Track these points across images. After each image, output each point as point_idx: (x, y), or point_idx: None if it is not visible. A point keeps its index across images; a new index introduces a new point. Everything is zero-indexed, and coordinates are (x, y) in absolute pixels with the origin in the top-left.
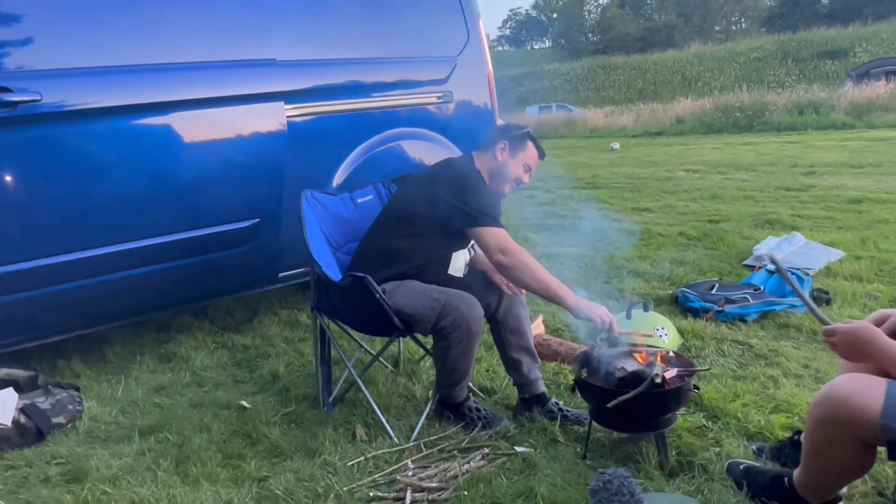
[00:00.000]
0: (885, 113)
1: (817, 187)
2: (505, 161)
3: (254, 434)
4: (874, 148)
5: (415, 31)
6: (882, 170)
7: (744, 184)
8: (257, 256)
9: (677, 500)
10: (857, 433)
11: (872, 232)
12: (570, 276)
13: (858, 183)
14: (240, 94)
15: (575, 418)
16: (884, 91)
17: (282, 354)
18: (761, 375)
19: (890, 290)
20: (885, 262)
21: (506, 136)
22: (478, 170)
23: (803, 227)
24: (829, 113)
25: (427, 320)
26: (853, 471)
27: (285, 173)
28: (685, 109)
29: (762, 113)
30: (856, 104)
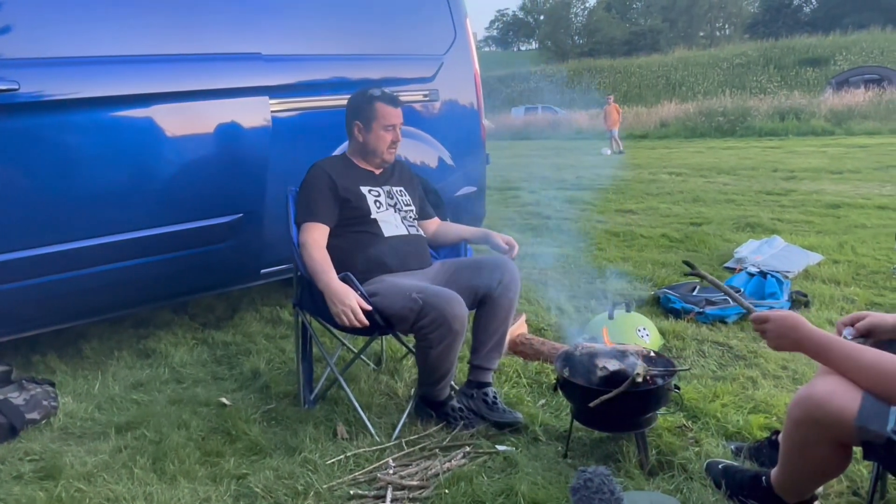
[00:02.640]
0: (864, 120)
1: (797, 192)
2: (366, 138)
3: (233, 431)
4: (853, 154)
5: (401, 29)
6: (860, 176)
7: (725, 187)
8: (239, 252)
9: (657, 498)
10: (834, 434)
11: (850, 236)
12: (553, 276)
13: (837, 188)
14: (223, 88)
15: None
16: (863, 99)
17: (263, 351)
18: (740, 376)
19: (866, 293)
20: (862, 265)
21: (356, 114)
22: (328, 160)
23: (783, 230)
24: (810, 119)
25: (406, 319)
26: (830, 471)
27: (269, 169)
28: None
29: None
30: (835, 111)
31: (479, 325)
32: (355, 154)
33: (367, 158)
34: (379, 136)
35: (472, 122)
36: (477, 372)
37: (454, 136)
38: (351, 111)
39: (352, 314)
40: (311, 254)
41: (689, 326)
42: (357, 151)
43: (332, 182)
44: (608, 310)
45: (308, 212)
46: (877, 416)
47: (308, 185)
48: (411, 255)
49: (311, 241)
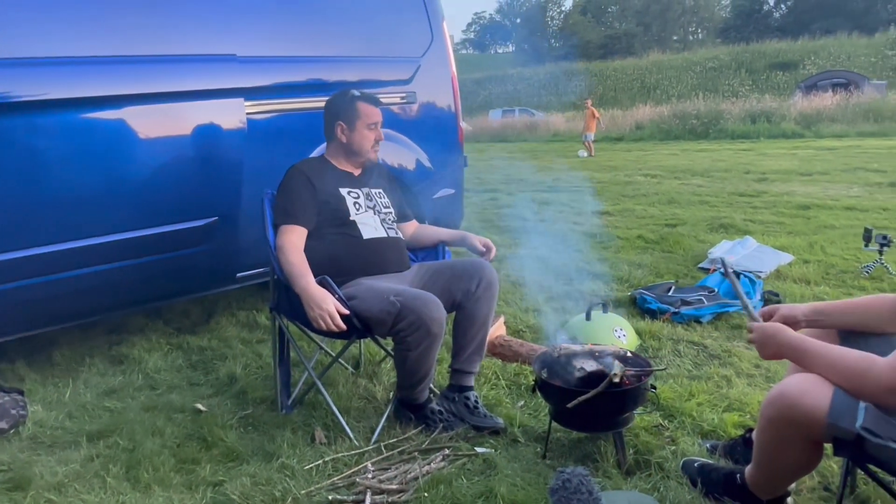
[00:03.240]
0: (832, 123)
1: (768, 193)
2: (350, 138)
3: (209, 438)
4: (822, 156)
5: (378, 31)
6: (829, 177)
7: (699, 189)
8: (214, 256)
9: (634, 497)
10: (806, 432)
11: (819, 237)
12: (531, 278)
13: (807, 190)
14: (197, 90)
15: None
16: (830, 102)
17: (239, 356)
18: (715, 375)
19: (835, 292)
20: (831, 265)
21: (337, 115)
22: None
23: (755, 231)
24: (780, 122)
25: (384, 322)
26: (802, 467)
27: (244, 171)
28: (644, 116)
29: (717, 121)
30: (805, 114)
31: (459, 330)
32: (336, 155)
33: (350, 159)
34: (363, 134)
35: (449, 125)
36: (458, 376)
37: (432, 138)
38: (332, 113)
39: (329, 318)
40: (287, 257)
41: (665, 326)
42: (339, 152)
43: (311, 184)
44: (585, 311)
45: (285, 214)
46: (846, 412)
47: (286, 187)
48: (390, 258)
49: (287, 243)
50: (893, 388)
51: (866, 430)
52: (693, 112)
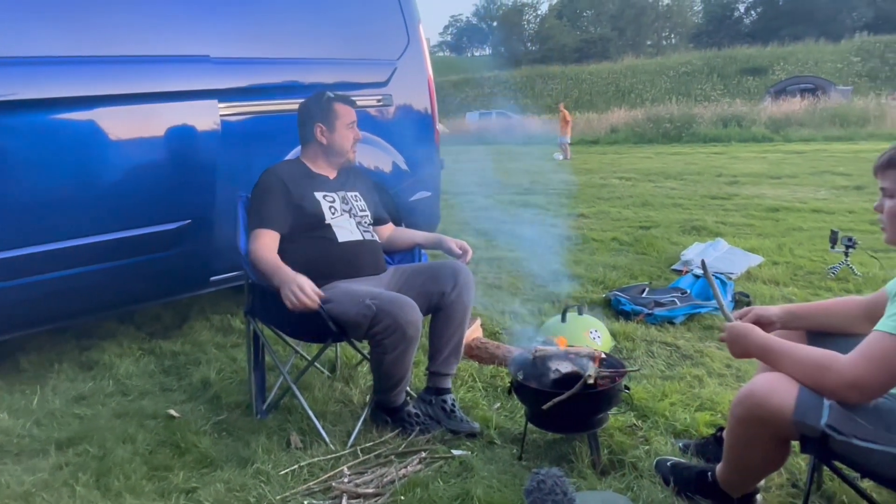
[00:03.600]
0: (800, 127)
1: (739, 196)
2: (331, 139)
3: (182, 444)
4: (790, 160)
5: (354, 33)
6: (797, 180)
7: (672, 192)
8: (187, 259)
9: (608, 497)
10: (774, 430)
11: (788, 239)
12: (507, 280)
13: (776, 192)
14: (170, 91)
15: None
16: (799, 107)
17: (213, 361)
18: (688, 375)
19: (803, 292)
20: (799, 267)
21: (314, 117)
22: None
23: (727, 233)
24: (751, 126)
25: (360, 326)
26: (770, 464)
27: (218, 174)
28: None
29: (690, 125)
30: (774, 119)
31: (435, 332)
32: (314, 158)
33: (330, 160)
34: (343, 135)
35: (426, 127)
36: (435, 378)
37: (408, 140)
38: (309, 115)
39: (299, 292)
40: (260, 255)
41: (639, 328)
42: (317, 155)
43: (286, 188)
44: (561, 313)
45: (259, 218)
46: (811, 410)
47: (260, 191)
48: (365, 261)
49: (259, 245)
50: (853, 384)
51: (830, 428)
52: (666, 116)
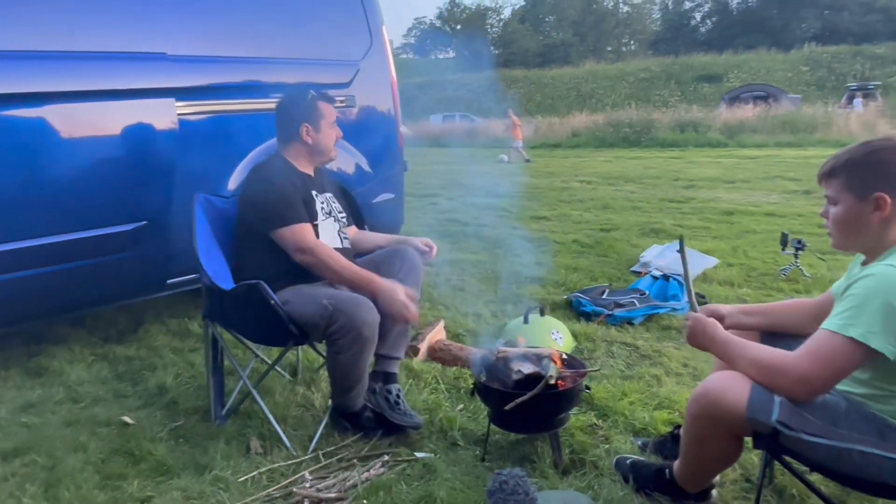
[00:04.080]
0: (753, 134)
1: (696, 199)
2: (316, 139)
3: (137, 452)
4: (744, 165)
5: (316, 33)
6: (750, 185)
7: (632, 195)
8: (143, 262)
9: (569, 496)
10: (728, 426)
11: (742, 241)
12: (470, 282)
13: (731, 196)
14: (125, 89)
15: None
16: (752, 114)
17: (170, 366)
18: (646, 374)
19: (756, 293)
20: (752, 268)
21: (300, 116)
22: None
23: (684, 236)
24: (706, 132)
25: (318, 326)
26: (725, 460)
27: (176, 174)
28: (580, 124)
29: (648, 129)
30: (729, 125)
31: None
32: (298, 157)
33: (314, 159)
34: (328, 133)
35: (389, 129)
36: (383, 361)
37: (371, 142)
38: (293, 114)
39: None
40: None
41: (600, 328)
42: (301, 154)
43: (294, 184)
44: (524, 314)
45: (295, 213)
46: (763, 407)
47: (277, 186)
48: None
49: (320, 244)
50: (800, 380)
51: (781, 424)
52: (626, 121)
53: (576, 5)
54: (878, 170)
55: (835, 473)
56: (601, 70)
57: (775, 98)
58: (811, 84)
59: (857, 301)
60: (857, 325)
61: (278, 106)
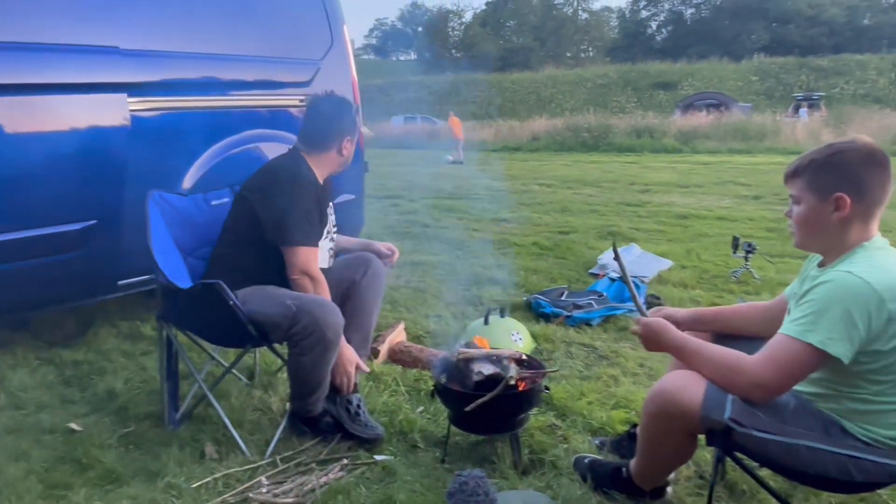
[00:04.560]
0: (706, 140)
1: (651, 204)
2: (350, 153)
3: (84, 459)
4: (697, 170)
5: (276, 31)
6: (703, 189)
7: (590, 198)
8: (92, 262)
9: (529, 496)
10: (683, 424)
11: (695, 244)
12: (431, 284)
13: (685, 201)
14: (73, 83)
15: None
16: (705, 121)
17: (120, 370)
18: (604, 375)
19: (709, 295)
20: (705, 270)
21: (345, 129)
22: (306, 173)
23: (640, 238)
24: (662, 138)
25: (279, 327)
26: (680, 457)
27: (128, 171)
28: (540, 128)
29: (606, 134)
30: (683, 131)
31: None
32: (319, 165)
33: (335, 170)
34: (352, 151)
35: None
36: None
37: None
38: (338, 125)
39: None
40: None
41: (559, 330)
42: (325, 164)
43: (319, 201)
44: (484, 316)
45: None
46: (717, 405)
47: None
48: None
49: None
50: (758, 385)
51: (733, 421)
52: (585, 125)
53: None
54: (839, 171)
55: (783, 468)
56: (560, 75)
57: (727, 106)
58: (760, 93)
59: (816, 307)
60: (817, 331)
61: (317, 109)
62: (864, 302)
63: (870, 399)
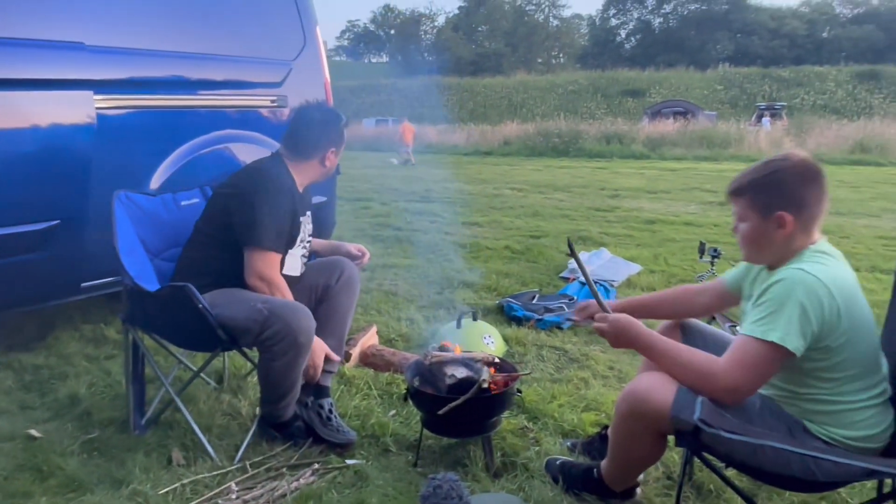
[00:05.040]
0: (674, 147)
1: (621, 209)
2: (333, 164)
3: (45, 467)
4: (665, 177)
5: (248, 31)
6: (671, 195)
7: (561, 203)
8: (55, 263)
9: (501, 498)
10: (653, 425)
11: (663, 249)
12: (403, 287)
13: (653, 206)
14: (35, 79)
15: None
16: (672, 128)
17: (83, 374)
18: (575, 378)
19: None
20: (673, 275)
21: (332, 140)
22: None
23: (609, 243)
24: (630, 144)
25: (250, 331)
26: (650, 458)
27: (93, 171)
28: (511, 132)
29: (576, 140)
30: (651, 138)
31: (319, 324)
32: (301, 173)
33: (316, 180)
34: (336, 161)
35: None
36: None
37: None
38: (325, 135)
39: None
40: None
41: (530, 333)
42: (307, 172)
43: (293, 209)
44: (456, 319)
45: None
46: (686, 406)
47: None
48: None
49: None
50: (730, 388)
51: (702, 422)
52: (555, 131)
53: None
54: (779, 189)
55: (749, 468)
56: (532, 81)
57: (693, 114)
58: (725, 102)
59: (774, 306)
60: (776, 328)
61: (304, 117)
62: (816, 296)
63: (826, 399)
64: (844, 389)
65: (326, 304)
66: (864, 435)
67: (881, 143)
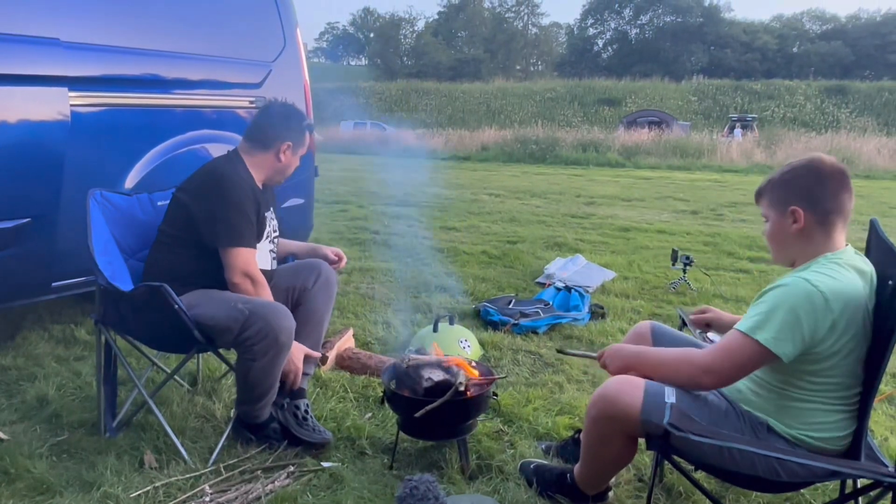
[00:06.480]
0: (648, 156)
1: (596, 216)
2: (288, 161)
3: (12, 470)
4: (639, 185)
5: (227, 31)
6: (645, 203)
7: (537, 209)
8: (24, 262)
9: (477, 500)
10: (623, 428)
11: (637, 256)
12: (380, 291)
13: (627, 214)
14: (9, 74)
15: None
16: (647, 137)
17: (52, 375)
18: (549, 382)
19: (649, 305)
20: (646, 281)
21: (289, 134)
22: (242, 174)
23: (584, 249)
24: (606, 152)
25: (230, 331)
26: (621, 461)
27: (66, 169)
28: (489, 138)
29: (553, 147)
30: (626, 146)
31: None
32: (258, 168)
33: (271, 178)
34: (295, 162)
35: None
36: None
37: None
38: (280, 128)
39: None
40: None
41: (506, 337)
42: (263, 167)
43: (257, 204)
44: (433, 322)
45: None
46: (656, 410)
47: (241, 202)
48: None
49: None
50: (707, 369)
51: (671, 426)
52: (533, 138)
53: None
54: (792, 186)
55: (717, 470)
56: (510, 87)
57: (667, 124)
58: (699, 113)
59: (768, 308)
60: (765, 329)
61: (267, 111)
62: (811, 307)
63: (801, 398)
64: (822, 391)
65: (303, 306)
66: (828, 437)
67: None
